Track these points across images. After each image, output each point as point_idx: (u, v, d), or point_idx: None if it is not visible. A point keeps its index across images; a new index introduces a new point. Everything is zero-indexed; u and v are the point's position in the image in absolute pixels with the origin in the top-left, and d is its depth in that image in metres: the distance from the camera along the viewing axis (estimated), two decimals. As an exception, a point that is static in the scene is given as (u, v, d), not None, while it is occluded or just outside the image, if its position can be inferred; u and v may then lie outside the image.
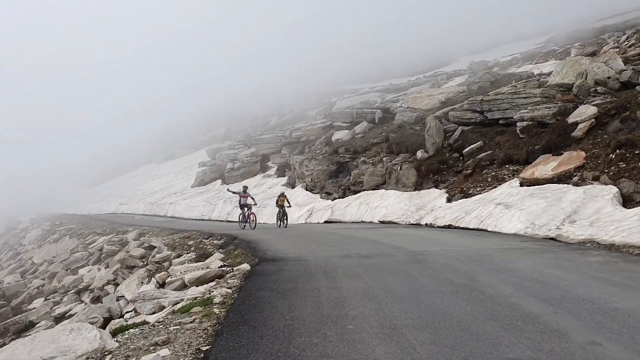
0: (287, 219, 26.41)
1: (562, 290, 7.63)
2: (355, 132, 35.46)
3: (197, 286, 12.10)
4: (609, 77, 22.43)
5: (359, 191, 28.68)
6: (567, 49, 45.46)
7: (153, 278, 18.55)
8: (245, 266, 11.84)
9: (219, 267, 13.71)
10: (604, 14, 52.97)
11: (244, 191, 25.80)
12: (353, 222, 25.12)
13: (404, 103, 34.22)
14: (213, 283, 10.61)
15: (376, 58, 69.03)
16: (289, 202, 26.73)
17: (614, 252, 11.30)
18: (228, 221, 37.33)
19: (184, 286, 13.03)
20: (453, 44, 68.25)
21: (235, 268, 12.08)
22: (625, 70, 22.44)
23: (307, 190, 34.08)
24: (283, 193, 27.71)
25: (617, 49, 31.55)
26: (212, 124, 73.49)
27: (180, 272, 14.65)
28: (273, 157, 45.83)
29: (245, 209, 25.29)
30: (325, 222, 27.39)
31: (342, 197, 29.75)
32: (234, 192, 27.13)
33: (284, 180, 40.18)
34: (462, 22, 72.36)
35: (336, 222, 26.64)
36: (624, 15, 49.73)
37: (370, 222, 24.12)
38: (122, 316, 16.62)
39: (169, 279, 14.42)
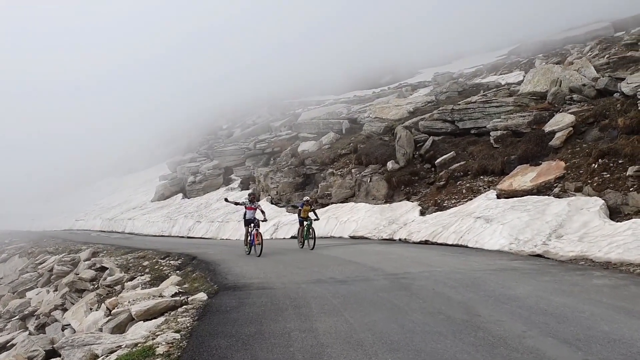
0: (314, 237, 18.35)
1: (584, 327, 6.33)
2: (322, 143, 34.13)
3: (144, 320, 10.46)
4: (584, 85, 21.68)
5: (327, 204, 27.27)
6: (532, 60, 45.41)
7: (103, 304, 16.74)
8: (202, 296, 10.21)
9: (172, 295, 12.08)
10: (565, 26, 53.34)
11: (251, 201, 17.76)
12: (322, 238, 23.59)
13: (371, 113, 33.04)
14: (162, 319, 8.97)
15: (339, 70, 68.17)
16: (315, 213, 19.00)
17: (617, 272, 10.13)
18: (189, 237, 35.47)
19: (130, 319, 11.35)
20: (415, 57, 68.03)
21: (190, 298, 10.44)
22: (601, 77, 21.73)
23: (272, 203, 32.48)
24: (308, 200, 19.36)
25: (581, 59, 31.13)
26: (174, 136, 71.27)
27: (129, 302, 12.91)
28: (236, 170, 44.11)
29: (251, 225, 17.53)
30: (292, 237, 25.81)
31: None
32: (236, 203, 18.52)
33: (233, 194, 38.49)
34: (423, 35, 72.27)
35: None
36: (584, 28, 50.13)
37: (340, 238, 22.68)
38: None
39: (115, 310, 12.68)
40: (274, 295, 9.12)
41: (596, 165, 16.77)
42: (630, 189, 14.59)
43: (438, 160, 23.64)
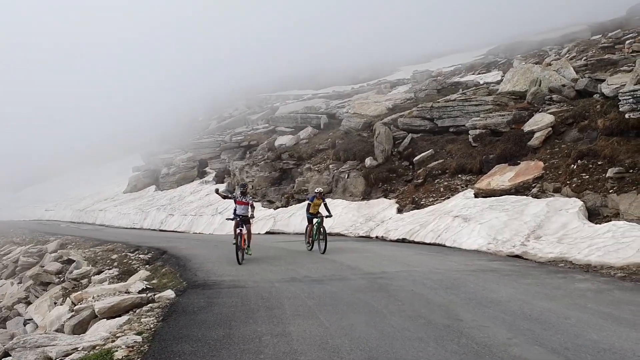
0: (325, 238, 14.97)
1: (571, 335, 6.02)
2: (299, 137, 33.59)
3: (108, 318, 9.91)
4: (563, 85, 21.59)
5: (304, 200, 26.76)
6: (510, 60, 45.49)
7: (68, 298, 16.07)
8: (169, 294, 9.69)
9: (139, 291, 11.53)
10: (542, 29, 53.64)
11: (242, 193, 14.48)
12: (297, 234, 23.14)
13: (350, 109, 32.57)
14: (126, 318, 8.44)
15: (318, 66, 67.62)
16: (328, 210, 15.40)
17: (599, 276, 9.92)
18: (161, 230, 34.68)
19: (93, 316, 10.77)
20: (395, 54, 67.89)
21: (157, 295, 9.90)
22: (580, 78, 21.69)
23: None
24: (321, 192, 15.78)
25: (561, 60, 31.17)
26: (149, 127, 69.82)
27: (93, 298, 12.31)
28: (211, 163, 43.26)
29: (240, 225, 13.94)
30: (267, 233, 25.32)
31: (286, 206, 27.77)
32: (226, 197, 15.50)
33: (223, 186, 37.71)
34: (403, 33, 72.11)
35: (279, 233, 24.62)
36: (562, 30, 50.41)
37: (316, 234, 22.23)
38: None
39: (78, 306, 12.06)
40: (246, 295, 8.65)
41: (575, 166, 16.65)
42: (610, 191, 14.47)
43: (416, 157, 23.36)
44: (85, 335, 7.46)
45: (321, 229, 15.17)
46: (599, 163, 16.03)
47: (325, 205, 15.56)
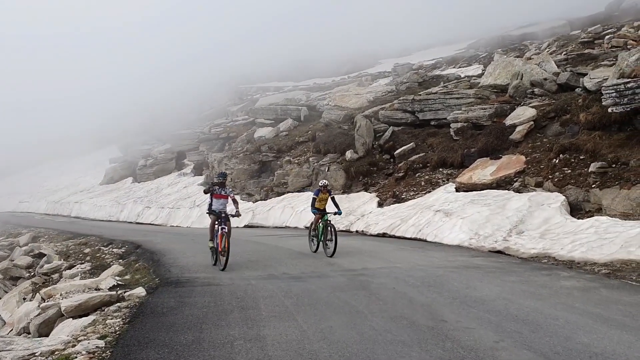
0: (334, 238, 12.55)
1: (561, 338, 5.73)
2: (279, 129, 33.11)
3: (74, 317, 9.41)
4: (545, 79, 21.46)
5: (283, 193, 26.39)
6: (490, 54, 45.48)
7: (38, 294, 15.48)
8: (140, 291, 9.23)
9: (110, 288, 11.04)
10: (522, 23, 53.76)
11: (220, 185, 12.06)
12: (277, 228, 22.75)
13: (330, 101, 32.19)
14: (92, 318, 7.96)
15: (299, 58, 67.03)
16: (337, 206, 13.56)
17: (583, 273, 9.70)
18: (137, 223, 34.04)
19: (59, 315, 10.24)
20: (375, 47, 67.61)
21: (128, 293, 9.43)
22: (562, 72, 21.57)
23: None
24: (325, 184, 13.67)
25: (542, 54, 31.16)
26: (128, 118, 68.59)
27: (61, 295, 11.77)
28: (190, 154, 42.59)
29: (220, 223, 11.58)
30: (246, 226, 24.85)
31: (265, 199, 27.32)
32: (205, 191, 12.20)
33: (201, 179, 37.18)
34: (383, 26, 71.81)
35: (258, 226, 24.17)
36: (542, 25, 50.56)
37: (296, 228, 21.85)
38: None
39: (44, 304, 11.50)
40: (219, 294, 8.23)
41: (557, 161, 16.50)
42: (592, 186, 14.32)
43: (397, 151, 23.09)
44: (45, 339, 6.97)
45: (329, 229, 12.76)
46: (581, 157, 15.89)
47: (333, 200, 13.63)
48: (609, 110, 14.90)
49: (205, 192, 12.12)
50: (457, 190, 18.35)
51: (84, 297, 10.12)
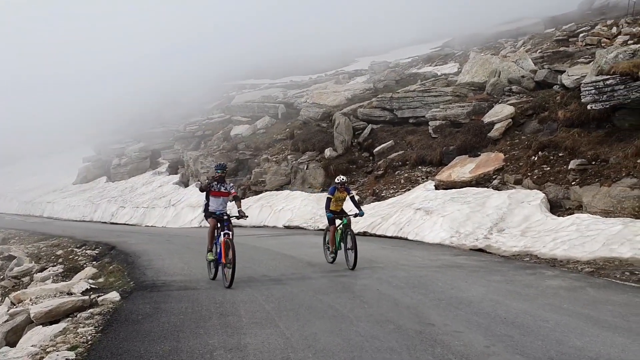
0: (354, 246, 10.35)
1: (552, 341, 5.55)
2: (256, 127, 32.73)
3: (44, 325, 8.97)
4: (523, 76, 21.51)
5: (261, 192, 26.04)
6: (466, 52, 45.70)
7: (7, 298, 14.89)
8: (114, 296, 8.83)
9: (83, 292, 10.61)
10: (497, 21, 54.17)
11: (220, 180, 9.97)
12: (254, 227, 22.39)
13: (308, 98, 31.92)
14: (63, 326, 7.56)
15: (275, 55, 66.66)
16: (358, 206, 11.38)
17: (567, 272, 9.60)
18: (112, 223, 33.36)
19: (29, 322, 9.77)
20: (352, 45, 67.60)
21: (101, 298, 9.03)
22: (539, 69, 21.65)
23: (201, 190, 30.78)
24: (344, 181, 11.33)
25: (519, 52, 31.35)
26: (101, 116, 67.22)
27: (31, 300, 11.27)
28: (164, 153, 41.96)
29: (221, 227, 9.64)
30: (224, 226, 24.42)
31: (242, 198, 26.77)
32: (201, 189, 10.15)
33: (176, 177, 36.59)
34: (360, 24, 71.89)
35: (235, 226, 23.58)
36: (516, 23, 51.00)
37: (274, 227, 21.53)
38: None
39: (12, 310, 10.99)
40: (197, 299, 7.89)
41: (536, 158, 16.49)
42: (572, 183, 14.31)
43: (377, 149, 22.96)
44: (11, 349, 6.58)
45: (349, 234, 10.63)
46: (560, 155, 15.90)
47: (353, 198, 11.45)
48: (588, 107, 14.91)
49: (202, 189, 9.93)
50: (437, 188, 18.27)
51: (55, 302, 9.68)
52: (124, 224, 32.13)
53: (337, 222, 11.06)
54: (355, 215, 11.07)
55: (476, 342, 5.62)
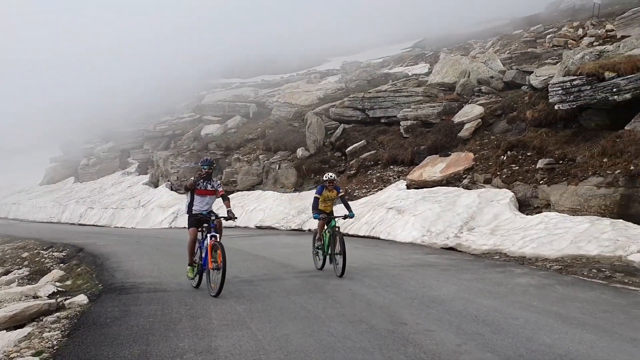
0: (343, 252, 9.45)
1: (523, 339, 5.61)
2: (227, 126, 32.48)
3: (8, 329, 8.71)
4: (492, 77, 21.82)
5: (232, 192, 25.81)
6: (436, 53, 46.17)
7: (-31, 303, 14.44)
8: (82, 299, 8.63)
9: (49, 295, 10.34)
10: (466, 22, 54.87)
11: (205, 177, 8.94)
12: (226, 228, 22.07)
13: (280, 98, 31.84)
14: (28, 330, 7.34)
15: (247, 55, 66.30)
16: (348, 206, 10.43)
17: (536, 269, 9.76)
18: (80, 224, 32.72)
19: (-9, 328, 9.50)
20: (324, 45, 67.71)
21: (68, 301, 8.81)
22: (508, 70, 21.98)
23: (172, 190, 30.48)
24: (332, 179, 10.37)
25: (488, 52, 31.81)
26: (68, 116, 65.77)
27: (-7, 304, 10.96)
28: (134, 153, 41.35)
29: (205, 227, 8.81)
30: (193, 227, 24.15)
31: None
32: (186, 188, 9.11)
33: (146, 178, 36.08)
34: (331, 24, 72.10)
35: (206, 227, 23.50)
36: (485, 24, 51.73)
37: (246, 228, 21.38)
38: None
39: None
40: (167, 301, 7.75)
41: (505, 158, 16.73)
42: (540, 182, 14.54)
43: (349, 148, 23.01)
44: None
45: (337, 238, 9.61)
46: (529, 154, 16.15)
47: (343, 198, 10.47)
48: (556, 107, 15.19)
49: (187, 188, 8.89)
50: (409, 187, 18.39)
51: (19, 306, 9.40)
52: (93, 225, 31.58)
53: (325, 226, 10.10)
54: (345, 217, 10.22)
55: (448, 340, 5.65)
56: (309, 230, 18.46)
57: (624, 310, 6.73)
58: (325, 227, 10.06)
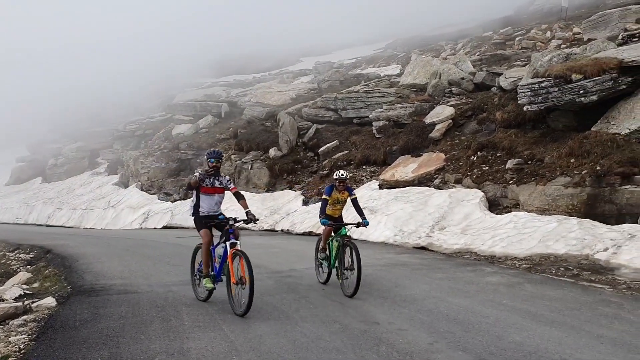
0: (357, 267, 7.74)
1: (493, 337, 5.71)
2: (199, 126, 32.20)
3: (-29, 335, 8.49)
4: (462, 78, 22.11)
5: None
6: (408, 54, 46.56)
7: None
8: (50, 302, 8.45)
9: (16, 298, 10.09)
10: (438, 24, 55.45)
11: (213, 173, 7.77)
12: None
13: (252, 97, 31.68)
14: (-7, 334, 7.15)
15: (219, 54, 65.85)
16: (361, 212, 8.97)
17: (506, 268, 9.93)
18: (48, 225, 32.05)
19: (-46, 333, 9.24)
20: (296, 45, 67.67)
21: (36, 303, 8.61)
22: (478, 71, 22.30)
23: (142, 190, 30.08)
24: (343, 178, 8.82)
25: (458, 54, 32.20)
26: (37, 115, 64.29)
27: (-44, 309, 10.65)
28: (103, 153, 40.68)
29: (223, 235, 7.53)
30: (164, 227, 23.92)
31: (184, 199, 26.36)
32: (189, 187, 7.92)
33: (116, 178, 35.52)
34: (303, 24, 72.04)
35: (177, 227, 23.29)
36: (456, 26, 52.37)
37: (218, 228, 21.20)
38: None
39: None
40: (138, 303, 7.64)
41: (475, 158, 16.96)
42: (509, 182, 14.79)
43: (322, 148, 23.04)
44: None
45: (349, 250, 8.08)
46: (498, 155, 16.42)
47: (356, 202, 8.93)
48: (524, 108, 15.47)
49: (191, 186, 7.75)
50: (381, 187, 18.51)
51: (-17, 310, 9.19)
52: (61, 226, 30.98)
53: (332, 234, 8.84)
54: (359, 225, 8.60)
55: (420, 339, 5.70)
56: (282, 230, 18.43)
57: (591, 307, 6.90)
58: (333, 234, 8.74)
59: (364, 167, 21.02)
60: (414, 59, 30.12)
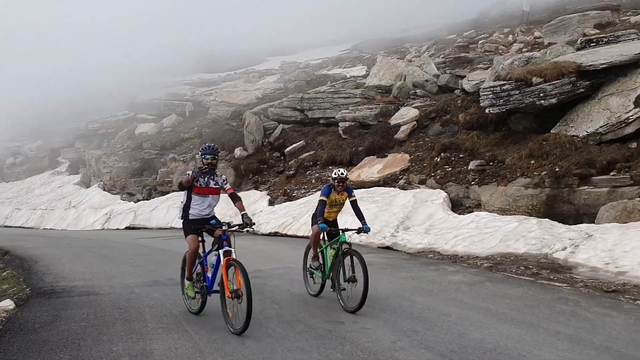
0: (365, 280, 6.73)
1: (455, 335, 5.84)
2: (163, 125, 31.76)
3: None
4: (426, 81, 22.44)
5: (168, 192, 25.25)
6: (374, 56, 46.89)
7: None
8: (8, 304, 8.21)
9: (-30, 302, 9.81)
10: (403, 26, 56.01)
11: (208, 171, 6.94)
12: (161, 229, 21.71)
13: (218, 97, 31.46)
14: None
15: (183, 53, 65.10)
16: (361, 215, 8.21)
17: (468, 267, 10.15)
18: (6, 226, 31.14)
19: None
20: (262, 44, 67.42)
21: (-9, 307, 8.39)
22: (442, 74, 22.66)
23: (104, 190, 29.53)
24: (343, 177, 7.93)
25: (423, 57, 32.60)
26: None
27: None
28: (64, 152, 39.77)
29: (217, 242, 6.83)
30: (127, 228, 23.53)
31: (148, 199, 26.02)
32: (181, 187, 7.18)
33: (77, 178, 34.76)
34: (269, 24, 71.81)
35: (140, 228, 22.95)
36: (421, 29, 52.99)
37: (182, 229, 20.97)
38: None
39: None
40: (100, 304, 7.52)
41: (439, 159, 17.24)
42: (472, 183, 15.10)
43: (288, 149, 23.03)
44: None
45: (350, 260, 7.31)
46: (461, 156, 16.73)
47: (355, 204, 8.20)
48: (486, 111, 15.81)
49: (182, 186, 7.06)
50: (347, 187, 18.60)
51: (-64, 314, 8.89)
52: (20, 226, 30.15)
53: (327, 242, 8.05)
54: (360, 231, 7.70)
55: (384, 337, 5.79)
56: (247, 231, 18.32)
57: (549, 305, 7.11)
58: (326, 240, 7.94)
59: (330, 167, 21.07)
60: (380, 61, 30.39)
